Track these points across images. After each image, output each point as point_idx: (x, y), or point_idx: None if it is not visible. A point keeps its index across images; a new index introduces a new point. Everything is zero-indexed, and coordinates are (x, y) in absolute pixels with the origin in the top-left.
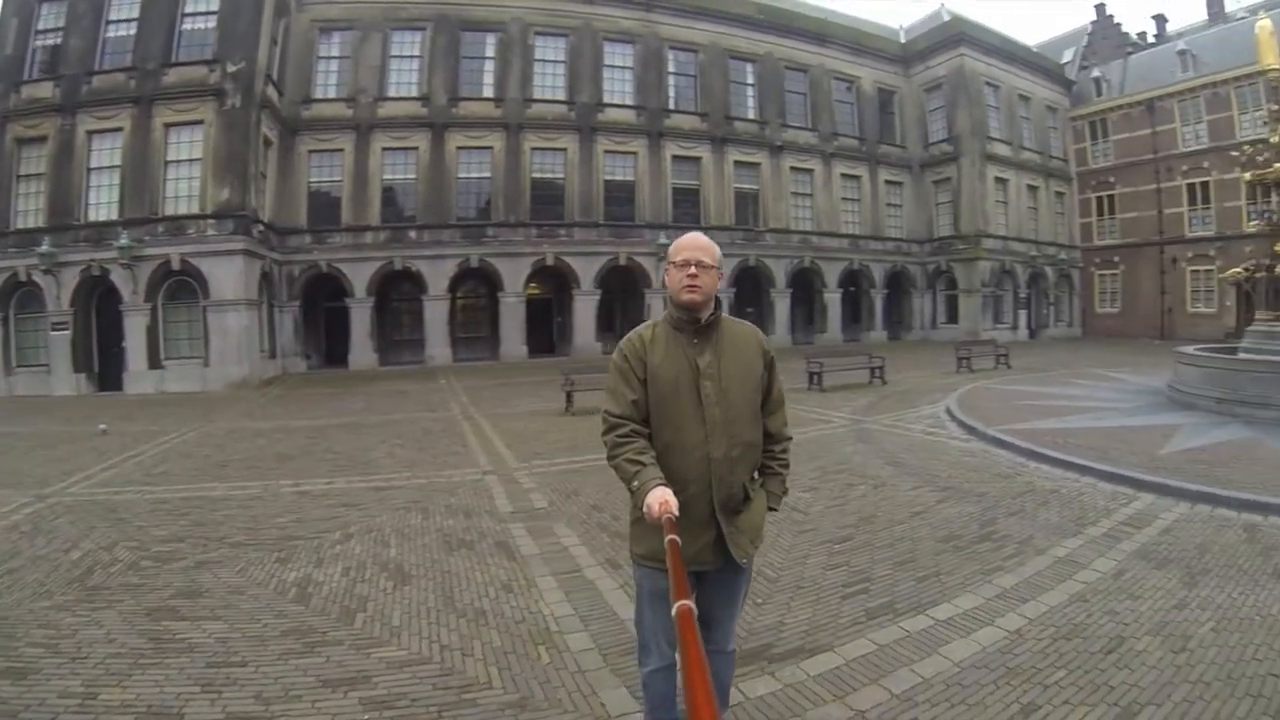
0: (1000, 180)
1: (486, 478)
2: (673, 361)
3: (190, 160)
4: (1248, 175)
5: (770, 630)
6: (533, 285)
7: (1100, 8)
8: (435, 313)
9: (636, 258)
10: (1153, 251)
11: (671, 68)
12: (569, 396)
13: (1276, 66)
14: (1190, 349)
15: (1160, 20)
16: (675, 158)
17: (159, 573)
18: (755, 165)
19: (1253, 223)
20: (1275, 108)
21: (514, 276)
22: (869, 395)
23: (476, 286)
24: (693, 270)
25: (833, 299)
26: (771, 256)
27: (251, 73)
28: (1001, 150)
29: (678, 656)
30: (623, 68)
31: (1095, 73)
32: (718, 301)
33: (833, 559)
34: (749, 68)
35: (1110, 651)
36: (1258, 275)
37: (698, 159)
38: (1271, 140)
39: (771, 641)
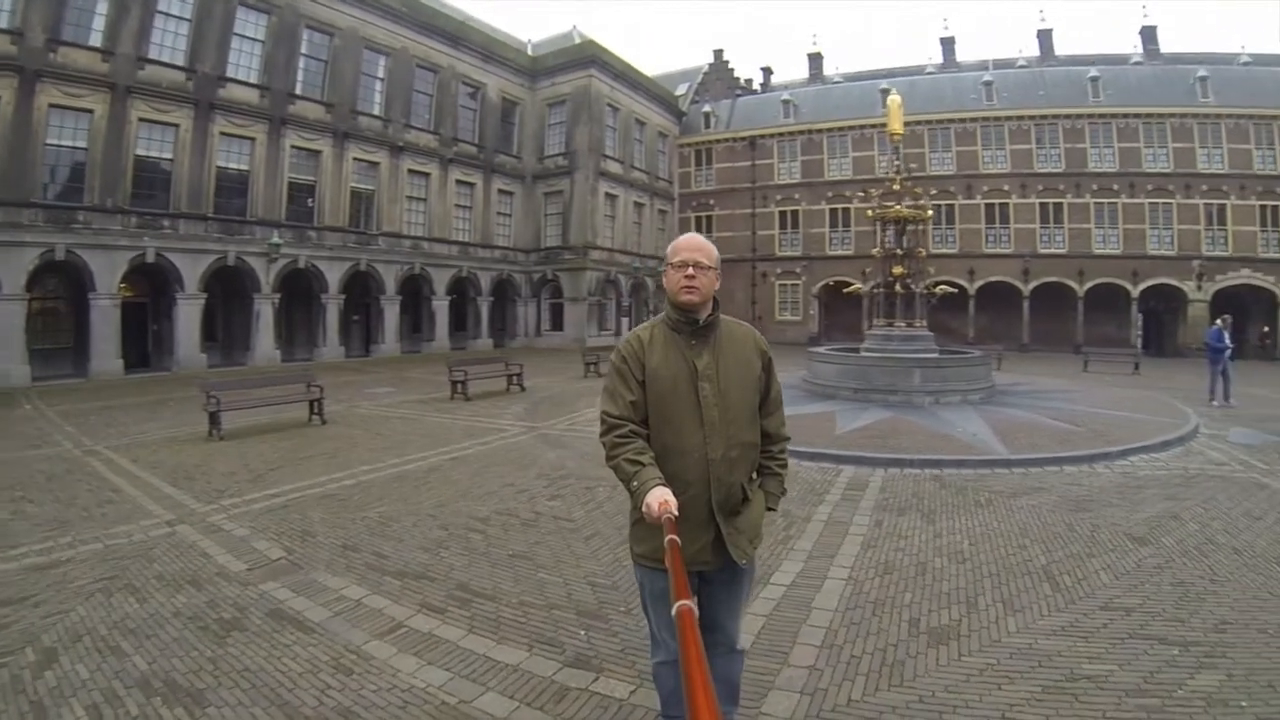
0: (610, 196)
1: (178, 529)
2: (670, 363)
3: None
4: (871, 212)
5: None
6: (125, 286)
7: (719, 53)
8: (9, 318)
9: (246, 258)
10: (746, 266)
11: (304, 49)
12: (214, 418)
13: (900, 132)
14: (824, 349)
15: (767, 72)
16: (295, 148)
17: None
18: (375, 164)
19: (874, 250)
20: (898, 163)
21: (108, 274)
22: (519, 402)
23: (58, 285)
24: (690, 271)
25: (441, 306)
26: (383, 261)
27: None
28: (614, 168)
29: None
30: (254, 40)
31: (706, 108)
32: (716, 302)
33: None
34: (382, 61)
35: (923, 573)
36: (877, 291)
37: (318, 152)
38: (893, 187)
39: None
